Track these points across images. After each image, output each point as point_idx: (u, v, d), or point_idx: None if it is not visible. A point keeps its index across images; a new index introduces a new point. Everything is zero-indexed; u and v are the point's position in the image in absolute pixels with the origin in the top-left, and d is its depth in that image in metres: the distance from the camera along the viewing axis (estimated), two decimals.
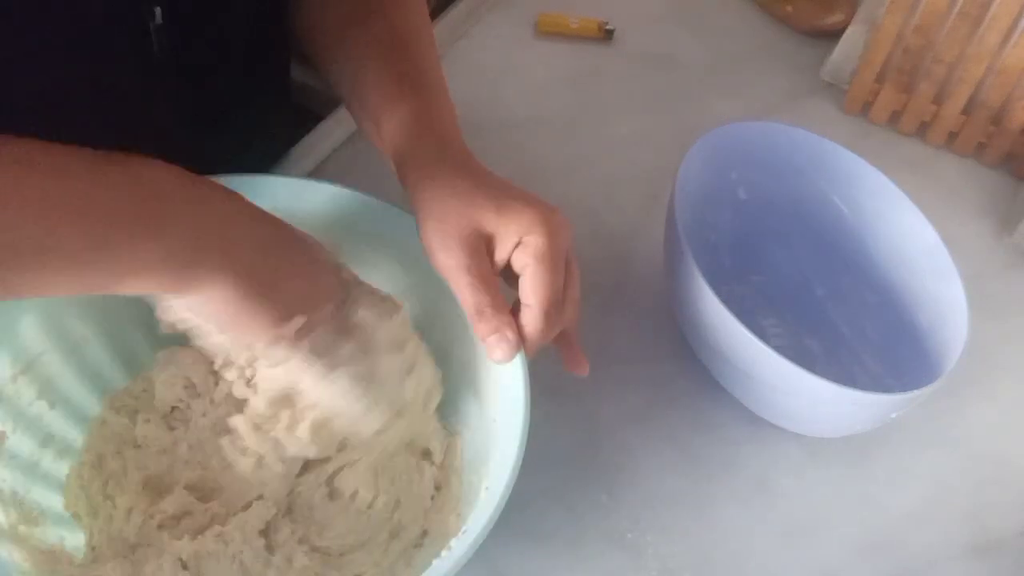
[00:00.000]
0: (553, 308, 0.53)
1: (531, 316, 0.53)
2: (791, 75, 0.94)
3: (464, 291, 0.53)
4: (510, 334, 0.52)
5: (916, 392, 0.59)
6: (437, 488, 0.59)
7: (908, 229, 0.69)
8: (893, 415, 0.62)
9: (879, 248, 0.71)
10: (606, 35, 0.94)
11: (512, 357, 0.53)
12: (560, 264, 0.54)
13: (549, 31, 0.94)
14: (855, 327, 0.72)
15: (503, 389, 0.54)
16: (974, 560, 0.64)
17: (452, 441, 0.61)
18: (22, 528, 0.53)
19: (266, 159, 0.77)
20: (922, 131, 0.90)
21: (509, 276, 0.54)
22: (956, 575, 0.63)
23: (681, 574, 0.61)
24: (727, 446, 0.67)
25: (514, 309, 0.54)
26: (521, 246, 0.53)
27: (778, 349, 0.58)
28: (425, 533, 0.58)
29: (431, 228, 0.54)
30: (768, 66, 0.94)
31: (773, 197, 0.74)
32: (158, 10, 0.57)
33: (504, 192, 0.54)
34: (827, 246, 0.74)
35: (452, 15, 0.92)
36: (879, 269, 0.71)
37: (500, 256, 0.54)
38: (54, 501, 0.56)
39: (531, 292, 0.53)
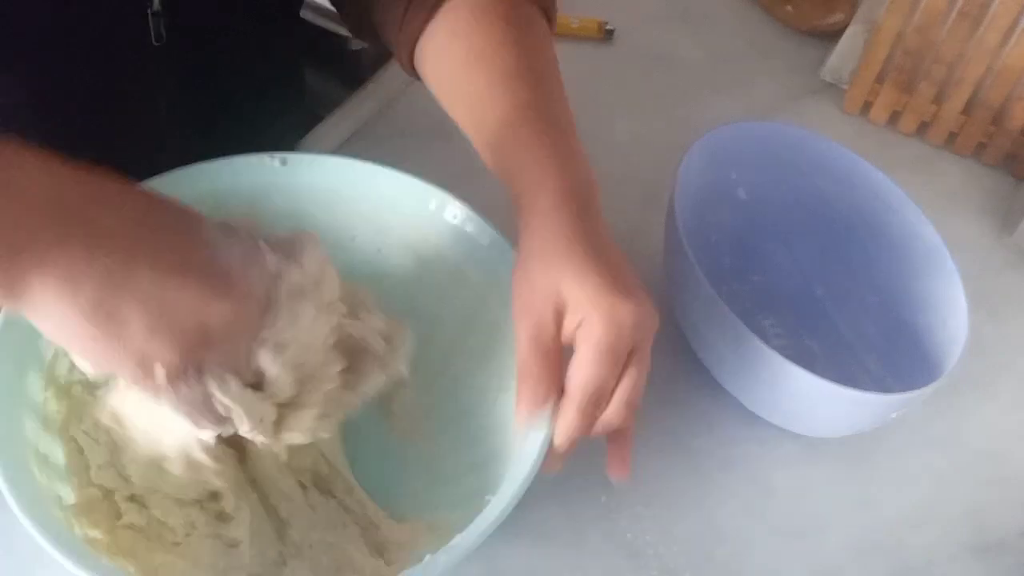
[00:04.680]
0: (591, 402, 0.50)
1: (565, 402, 0.50)
2: (791, 75, 0.94)
3: (522, 347, 0.51)
4: (540, 400, 0.50)
5: (916, 392, 0.59)
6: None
7: (908, 229, 0.69)
8: (893, 415, 0.62)
9: (879, 248, 0.71)
10: (606, 35, 0.94)
11: (526, 425, 0.51)
12: (614, 358, 0.50)
13: None
14: (855, 327, 0.72)
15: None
16: (974, 560, 0.64)
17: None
18: None
19: None
20: (922, 131, 0.90)
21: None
22: (956, 575, 0.63)
23: (681, 574, 0.61)
24: (727, 446, 0.67)
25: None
26: (582, 326, 0.50)
27: (778, 349, 0.58)
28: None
29: (520, 277, 0.53)
30: (768, 66, 0.94)
31: (773, 197, 0.74)
32: None
33: (601, 267, 0.51)
34: (827, 246, 0.74)
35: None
36: (879, 269, 0.71)
37: (565, 331, 0.51)
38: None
39: (571, 378, 0.50)
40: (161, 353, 0.42)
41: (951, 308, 0.65)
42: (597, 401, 0.50)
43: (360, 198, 0.62)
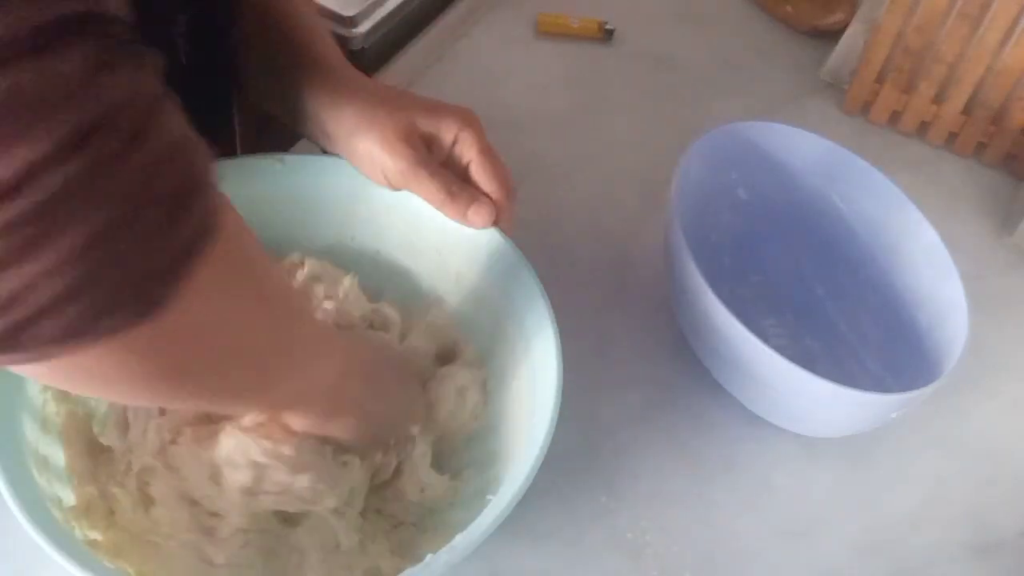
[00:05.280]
0: (509, 187, 0.58)
1: (501, 195, 0.57)
2: (791, 75, 0.94)
3: (425, 182, 0.56)
4: (484, 198, 0.57)
5: (916, 392, 0.59)
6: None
7: (908, 229, 0.69)
8: (893, 415, 0.62)
9: (879, 248, 0.71)
10: (606, 35, 0.94)
11: (492, 219, 0.57)
12: (497, 153, 0.58)
13: (549, 31, 0.94)
14: (855, 327, 0.72)
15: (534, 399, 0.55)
16: (974, 560, 0.64)
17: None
18: None
19: None
20: (922, 131, 0.90)
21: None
22: (956, 575, 0.63)
23: (681, 574, 0.61)
24: (727, 446, 0.67)
25: None
26: (460, 142, 0.57)
27: (778, 349, 0.58)
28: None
29: (370, 140, 0.56)
30: (768, 66, 0.94)
31: (773, 197, 0.74)
32: None
33: (422, 99, 0.59)
34: (827, 246, 0.74)
35: (452, 15, 0.92)
36: (879, 269, 0.71)
37: (439, 153, 0.58)
38: None
39: (489, 176, 0.57)
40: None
41: (951, 308, 0.65)
42: (510, 187, 0.58)
43: (358, 199, 0.62)
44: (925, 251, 0.68)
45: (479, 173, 0.57)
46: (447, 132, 0.57)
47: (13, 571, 0.55)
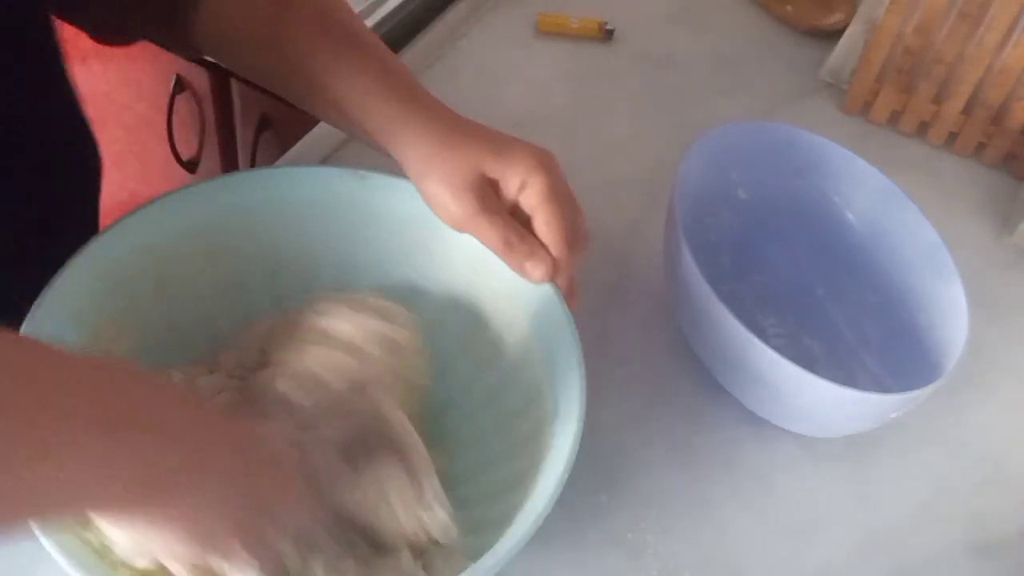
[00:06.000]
0: (572, 242, 0.55)
1: (557, 252, 0.55)
2: (791, 75, 0.94)
3: (487, 231, 0.54)
4: (543, 253, 0.55)
5: (916, 392, 0.59)
6: None
7: (908, 229, 0.69)
8: (893, 415, 0.62)
9: (879, 248, 0.71)
10: (606, 35, 0.94)
11: (549, 275, 0.55)
12: (569, 198, 0.56)
13: (549, 31, 0.94)
14: (855, 327, 0.72)
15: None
16: (974, 560, 0.64)
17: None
18: None
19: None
20: (922, 131, 0.90)
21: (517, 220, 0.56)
22: (956, 575, 0.63)
23: (681, 574, 0.61)
24: (727, 446, 0.67)
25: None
26: (527, 188, 0.55)
27: (778, 349, 0.58)
28: None
29: (436, 182, 0.55)
30: (768, 66, 0.94)
31: (773, 197, 0.74)
32: None
33: (494, 137, 0.56)
34: (827, 246, 0.74)
35: (452, 15, 0.92)
36: (879, 269, 0.71)
37: (506, 200, 0.56)
38: None
39: (549, 230, 0.55)
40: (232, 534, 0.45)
41: (951, 308, 0.65)
42: (574, 239, 0.56)
43: (358, 207, 0.62)
44: (925, 251, 0.68)
45: (540, 225, 0.55)
46: (513, 178, 0.55)
47: (13, 571, 0.55)
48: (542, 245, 0.55)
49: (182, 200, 0.59)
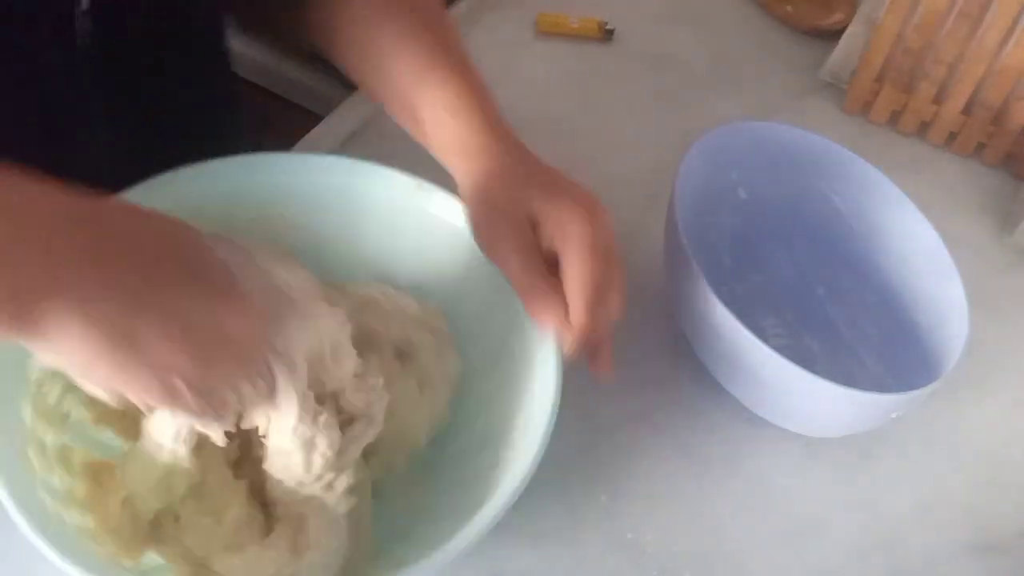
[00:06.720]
0: (595, 300, 0.52)
1: (574, 306, 0.52)
2: (791, 75, 0.94)
3: (515, 271, 0.53)
4: (556, 302, 0.53)
5: (916, 392, 0.59)
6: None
7: (908, 229, 0.69)
8: (893, 415, 0.62)
9: (879, 248, 0.71)
10: (606, 35, 0.94)
11: (558, 326, 0.53)
12: (602, 257, 0.53)
13: (549, 31, 0.94)
14: (855, 327, 0.72)
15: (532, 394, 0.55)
16: (974, 560, 0.64)
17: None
18: None
19: None
20: (922, 131, 0.90)
21: (552, 265, 0.54)
22: (956, 575, 0.63)
23: (681, 574, 0.61)
24: (727, 446, 0.67)
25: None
26: (565, 235, 0.53)
27: (778, 349, 0.58)
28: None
29: (482, 210, 0.55)
30: (768, 66, 0.94)
31: (773, 197, 0.74)
32: None
33: (554, 179, 0.56)
34: (827, 246, 0.74)
35: (451, 15, 0.92)
36: (879, 269, 0.71)
37: (543, 243, 0.54)
38: None
39: (572, 283, 0.53)
40: (187, 367, 0.42)
41: (951, 308, 0.65)
42: (600, 298, 0.53)
43: (358, 199, 0.62)
44: (925, 251, 0.68)
45: (567, 274, 0.53)
46: (555, 223, 0.53)
47: (13, 571, 0.55)
48: (561, 300, 0.53)
49: (195, 177, 0.59)
